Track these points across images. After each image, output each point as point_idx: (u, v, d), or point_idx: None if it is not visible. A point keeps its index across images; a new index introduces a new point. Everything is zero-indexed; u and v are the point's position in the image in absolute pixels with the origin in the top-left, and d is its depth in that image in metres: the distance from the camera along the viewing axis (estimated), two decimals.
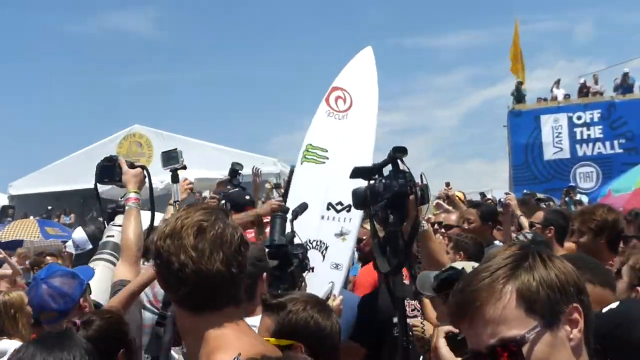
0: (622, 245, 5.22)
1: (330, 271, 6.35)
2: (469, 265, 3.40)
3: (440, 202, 9.37)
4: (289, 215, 5.15)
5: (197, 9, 73.74)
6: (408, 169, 3.77)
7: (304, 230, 6.02)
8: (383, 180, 3.75)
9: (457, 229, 7.31)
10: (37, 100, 63.52)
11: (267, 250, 4.40)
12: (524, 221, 7.61)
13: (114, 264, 4.86)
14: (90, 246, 6.73)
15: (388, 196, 3.68)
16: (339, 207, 6.67)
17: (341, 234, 6.11)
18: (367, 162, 6.16)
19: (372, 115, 7.16)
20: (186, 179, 7.23)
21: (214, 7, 78.42)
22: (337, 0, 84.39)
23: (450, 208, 8.90)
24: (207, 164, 22.99)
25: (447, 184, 11.22)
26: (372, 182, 3.84)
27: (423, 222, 4.00)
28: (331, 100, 7.24)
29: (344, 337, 4.64)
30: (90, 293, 4.39)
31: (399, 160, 3.77)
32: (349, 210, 6.44)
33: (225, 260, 2.38)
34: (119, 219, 5.42)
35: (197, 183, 22.62)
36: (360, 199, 3.97)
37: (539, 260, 1.84)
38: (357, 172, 4.01)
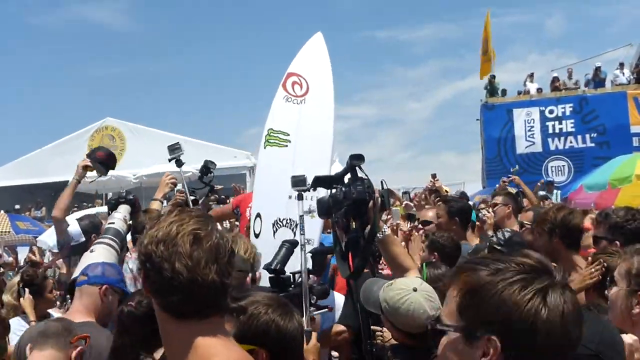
0: (593, 246, 5.17)
1: (298, 250, 5.72)
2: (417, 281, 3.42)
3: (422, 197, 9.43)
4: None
5: (169, 1, 73.22)
6: (366, 175, 3.80)
7: (273, 210, 7.03)
8: (343, 189, 3.81)
9: (433, 225, 7.34)
10: (7, 92, 62.89)
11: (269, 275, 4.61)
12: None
13: (114, 248, 5.36)
14: (84, 239, 7.70)
15: (348, 203, 3.74)
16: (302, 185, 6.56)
17: (309, 211, 5.64)
18: (328, 144, 7.07)
19: (329, 97, 7.46)
20: (168, 173, 7.97)
21: None
22: None
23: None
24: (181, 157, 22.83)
25: (434, 176, 11.12)
26: (334, 190, 3.94)
27: (384, 227, 3.96)
28: (288, 85, 7.55)
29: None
30: None
31: (357, 168, 3.82)
32: (315, 189, 5.97)
33: (219, 271, 2.34)
34: (121, 208, 6.13)
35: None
36: (324, 208, 4.11)
37: (510, 281, 1.77)
38: (318, 182, 4.18)
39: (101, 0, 69.69)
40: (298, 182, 5.49)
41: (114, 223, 5.79)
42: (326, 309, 4.49)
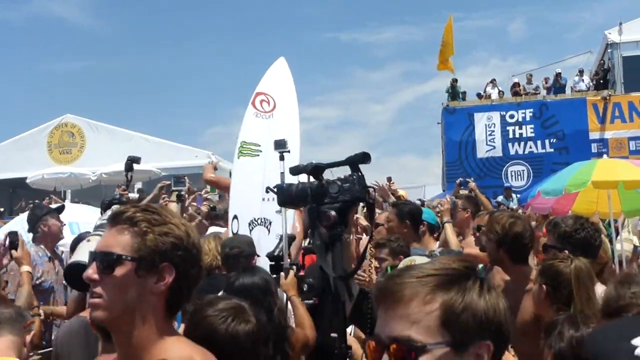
0: (543, 253, 5.14)
1: (276, 241, 7.14)
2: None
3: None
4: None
5: None
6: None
7: (248, 211, 8.18)
8: (339, 183, 3.58)
9: (382, 228, 7.34)
10: None
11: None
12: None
13: None
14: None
15: (346, 199, 3.54)
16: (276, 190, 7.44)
17: (281, 210, 7.08)
18: (295, 152, 7.91)
19: (294, 112, 8.71)
20: (163, 182, 8.97)
21: None
22: None
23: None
24: (140, 155, 22.65)
25: (389, 179, 11.19)
26: (320, 181, 3.68)
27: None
28: (257, 103, 8.69)
29: None
30: None
31: (359, 167, 3.65)
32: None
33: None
34: (114, 208, 6.04)
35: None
36: (291, 197, 3.88)
37: (478, 286, 1.81)
38: (298, 170, 3.96)
39: None
40: (280, 144, 7.19)
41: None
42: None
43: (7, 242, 5.63)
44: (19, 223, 13.27)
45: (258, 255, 6.36)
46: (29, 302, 5.37)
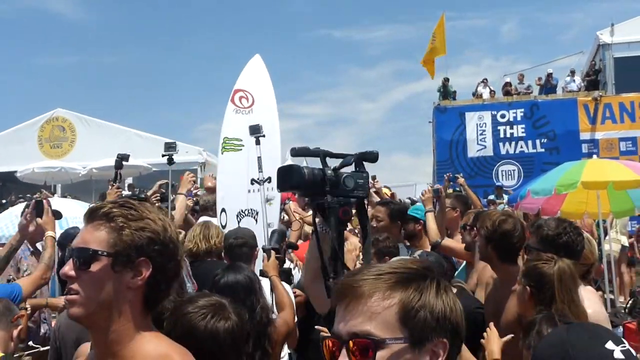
0: (526, 254, 5.13)
1: (263, 230, 8.09)
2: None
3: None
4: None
5: None
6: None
7: (235, 203, 8.86)
8: (354, 178, 3.23)
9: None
10: None
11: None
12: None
13: None
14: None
15: (360, 195, 3.25)
16: (260, 181, 8.52)
17: (267, 200, 8.17)
18: (276, 144, 8.77)
19: (272, 106, 9.34)
20: (189, 172, 9.25)
21: None
22: None
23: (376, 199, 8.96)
24: (130, 151, 22.60)
25: (374, 177, 11.19)
26: (335, 171, 3.26)
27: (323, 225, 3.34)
28: (236, 100, 9.33)
29: None
30: None
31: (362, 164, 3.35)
32: (269, 182, 8.37)
33: None
34: None
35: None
36: (303, 181, 3.16)
37: (435, 286, 1.86)
38: (305, 152, 3.39)
39: None
40: (255, 129, 7.96)
41: None
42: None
43: (33, 209, 5.81)
44: (8, 217, 13.27)
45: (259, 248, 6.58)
46: (49, 265, 5.50)
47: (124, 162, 8.68)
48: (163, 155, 9.42)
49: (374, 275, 1.84)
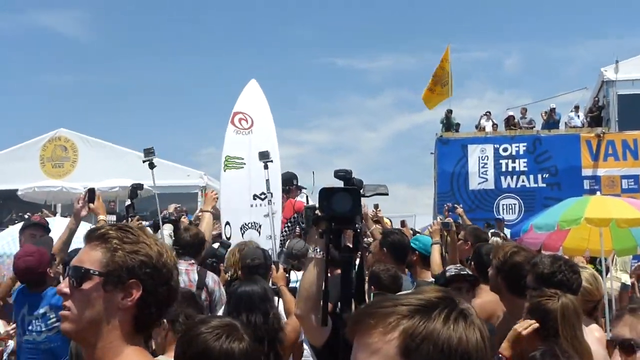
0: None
1: (266, 241, 8.70)
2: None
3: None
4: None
5: (128, 13, 72.70)
6: None
7: (239, 217, 9.60)
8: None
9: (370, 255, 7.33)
10: None
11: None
12: None
13: None
14: None
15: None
16: (262, 197, 9.42)
17: (268, 214, 8.93)
18: (276, 162, 9.25)
19: (270, 126, 10.11)
20: (213, 190, 10.26)
21: (145, 11, 77.28)
22: (272, 13, 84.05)
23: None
24: (132, 172, 22.63)
25: (376, 206, 11.19)
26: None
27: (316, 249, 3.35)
28: (235, 121, 10.06)
29: None
30: None
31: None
32: (270, 198, 9.19)
33: None
34: (166, 226, 8.02)
35: (121, 191, 22.41)
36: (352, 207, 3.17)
37: (444, 315, 1.73)
38: (348, 178, 3.38)
39: (59, 8, 68.60)
40: (264, 155, 8.57)
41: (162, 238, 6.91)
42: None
43: (86, 195, 6.49)
44: (9, 234, 13.25)
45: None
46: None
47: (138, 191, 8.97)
48: (144, 162, 9.47)
49: (382, 308, 1.75)
